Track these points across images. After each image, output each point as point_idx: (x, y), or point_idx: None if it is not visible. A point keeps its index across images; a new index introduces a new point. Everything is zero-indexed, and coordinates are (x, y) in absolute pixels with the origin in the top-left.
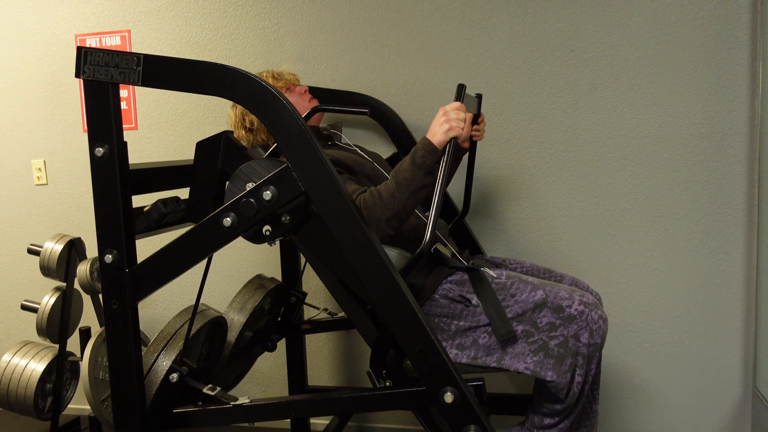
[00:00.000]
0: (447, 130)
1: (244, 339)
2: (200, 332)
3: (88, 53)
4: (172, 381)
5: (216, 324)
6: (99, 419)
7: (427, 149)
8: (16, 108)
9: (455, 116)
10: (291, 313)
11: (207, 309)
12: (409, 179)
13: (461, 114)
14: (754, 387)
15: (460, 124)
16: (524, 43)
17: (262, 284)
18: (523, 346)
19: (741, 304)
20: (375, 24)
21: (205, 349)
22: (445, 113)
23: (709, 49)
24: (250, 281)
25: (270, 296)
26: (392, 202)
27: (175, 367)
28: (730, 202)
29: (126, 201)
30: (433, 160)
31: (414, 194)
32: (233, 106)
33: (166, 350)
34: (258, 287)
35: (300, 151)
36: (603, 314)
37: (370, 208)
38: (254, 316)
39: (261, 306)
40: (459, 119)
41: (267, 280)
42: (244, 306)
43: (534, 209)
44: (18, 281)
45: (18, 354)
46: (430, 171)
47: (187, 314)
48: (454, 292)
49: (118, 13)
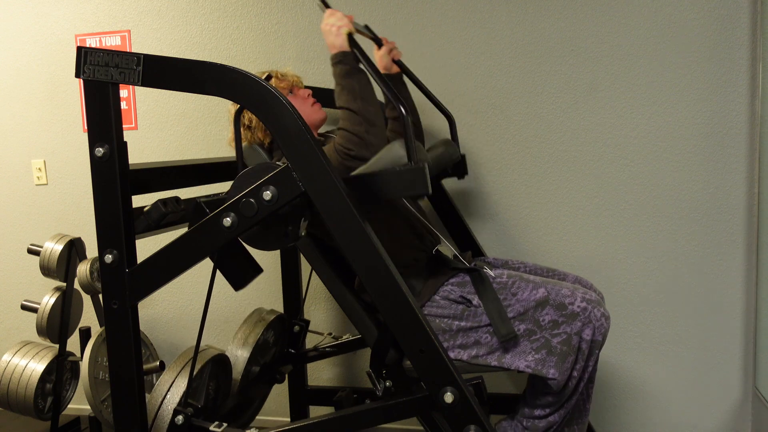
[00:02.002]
0: (336, 32)
1: (251, 374)
2: (203, 372)
3: (88, 53)
4: (178, 423)
5: (218, 362)
6: (99, 419)
7: (337, 60)
8: (16, 108)
9: (333, 20)
10: (296, 342)
11: (208, 348)
12: (350, 91)
13: (336, 14)
14: (754, 387)
15: (344, 20)
16: (524, 43)
17: (261, 317)
18: (525, 345)
19: (741, 304)
20: (375, 24)
21: (212, 388)
22: (326, 25)
23: (709, 49)
24: (249, 316)
25: (272, 328)
26: (356, 118)
27: (180, 409)
28: (730, 202)
29: (126, 201)
30: (350, 62)
31: (364, 97)
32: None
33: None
34: (258, 320)
35: (300, 151)
36: (606, 312)
37: (347, 139)
38: (258, 350)
39: (265, 339)
40: (339, 18)
41: (266, 313)
42: (246, 341)
43: (534, 209)
44: (18, 281)
45: (18, 354)
46: (357, 70)
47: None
48: (455, 294)
49: (118, 13)
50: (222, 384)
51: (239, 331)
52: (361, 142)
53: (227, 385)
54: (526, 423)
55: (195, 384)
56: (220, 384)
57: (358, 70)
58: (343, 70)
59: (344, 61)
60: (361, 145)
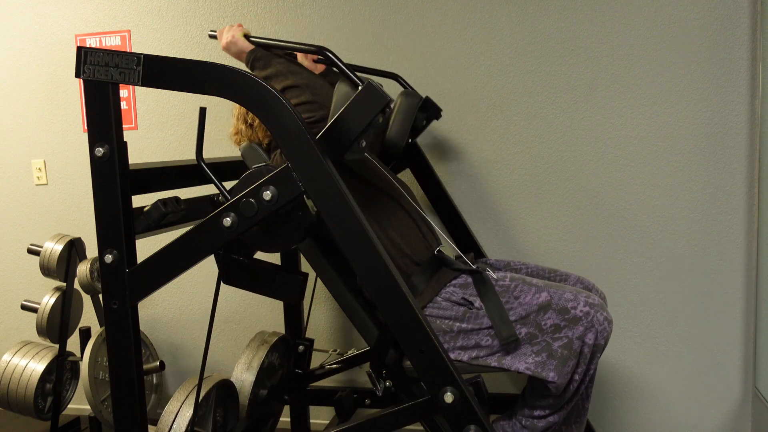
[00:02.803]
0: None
1: (259, 397)
2: (208, 398)
3: (88, 53)
4: None
5: (223, 387)
6: (99, 419)
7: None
8: (16, 108)
9: (226, 34)
10: (302, 361)
11: (211, 375)
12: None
13: (224, 28)
14: (754, 387)
15: (232, 29)
16: (524, 43)
17: (264, 340)
18: (526, 348)
19: (741, 304)
20: (375, 24)
21: (220, 415)
22: (224, 44)
23: (709, 49)
24: (252, 340)
25: (276, 350)
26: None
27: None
28: (730, 202)
29: (126, 201)
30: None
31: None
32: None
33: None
34: (261, 343)
35: (300, 151)
36: (608, 316)
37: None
38: (264, 373)
39: (270, 362)
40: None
41: (269, 335)
42: (250, 365)
43: (533, 209)
44: (18, 281)
45: (18, 354)
46: (270, 55)
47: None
48: (457, 295)
49: (118, 13)
50: (230, 409)
51: (243, 355)
52: (315, 105)
53: (235, 410)
54: (525, 422)
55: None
56: (227, 410)
57: (273, 55)
58: (261, 63)
59: (257, 56)
60: (315, 108)
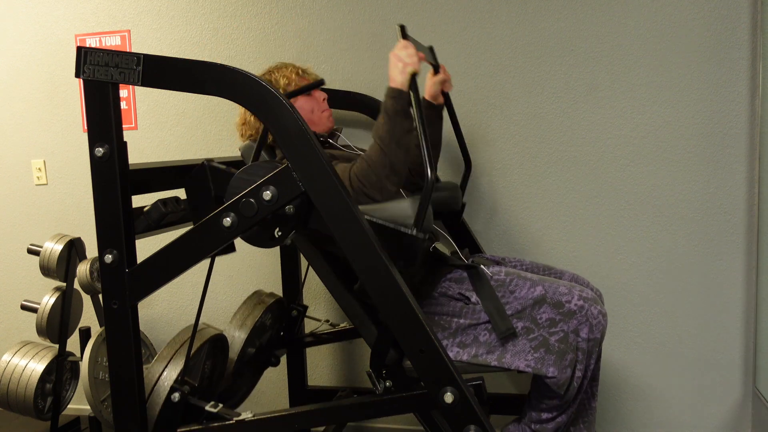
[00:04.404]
0: (402, 68)
1: (247, 355)
2: (201, 351)
3: (88, 53)
4: (174, 400)
5: (216, 342)
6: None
7: (392, 95)
8: (16, 108)
9: (405, 53)
10: (293, 326)
11: (206, 327)
12: (389, 130)
13: (410, 50)
14: (754, 387)
15: (413, 59)
16: (524, 43)
17: (261, 300)
18: (523, 343)
19: (741, 304)
20: (375, 24)
21: (208, 368)
22: (395, 56)
23: (709, 49)
24: (249, 297)
25: (270, 311)
26: (383, 159)
27: (177, 387)
28: (730, 202)
29: (126, 201)
30: (403, 103)
31: (400, 143)
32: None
33: (167, 370)
34: (257, 303)
35: (300, 151)
36: (603, 309)
37: (365, 174)
38: (255, 332)
39: (262, 322)
40: (410, 55)
41: (266, 296)
42: (244, 323)
43: (534, 209)
44: (18, 281)
45: (18, 354)
46: (405, 114)
47: (187, 333)
48: (453, 290)
49: (118, 13)
50: (218, 364)
51: (238, 311)
52: (378, 184)
53: (223, 364)
54: (534, 427)
55: (192, 362)
56: (216, 363)
57: (407, 114)
58: (394, 108)
59: (398, 100)
60: (375, 187)
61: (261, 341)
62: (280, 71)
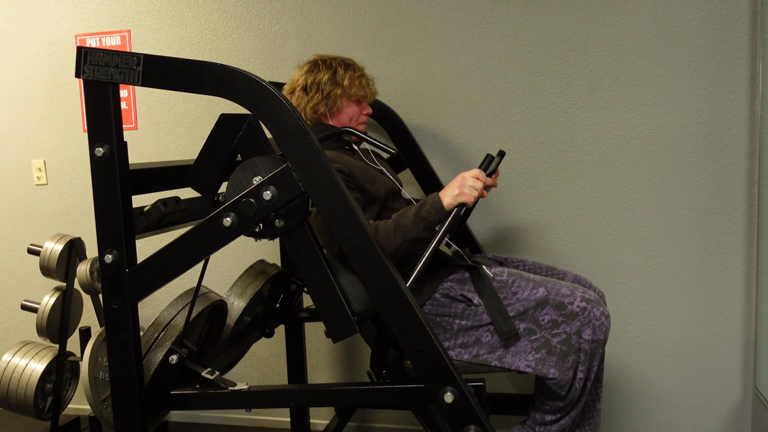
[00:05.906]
0: (457, 195)
1: (242, 324)
2: (201, 315)
3: (88, 53)
4: (171, 362)
5: (217, 307)
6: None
7: (434, 207)
8: (16, 108)
9: (471, 183)
10: (290, 300)
11: (208, 292)
12: (408, 227)
13: (478, 183)
14: (754, 387)
15: (474, 193)
16: (524, 43)
17: (263, 270)
18: (525, 344)
19: (741, 304)
20: (375, 24)
21: (204, 332)
22: (463, 179)
23: (709, 49)
24: (251, 266)
25: (270, 282)
26: (386, 242)
27: (175, 349)
28: (730, 202)
29: (126, 201)
30: (436, 219)
31: (408, 242)
32: (300, 68)
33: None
34: (259, 273)
35: (300, 151)
36: (605, 311)
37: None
38: (254, 302)
39: (261, 292)
40: (473, 187)
41: (269, 266)
42: (244, 291)
43: (534, 209)
44: (18, 281)
45: (18, 354)
46: (430, 227)
47: (189, 296)
48: (455, 291)
49: (118, 13)
50: (215, 329)
51: (240, 279)
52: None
53: (219, 331)
54: (538, 429)
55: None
56: (213, 329)
57: (431, 230)
58: (425, 218)
59: (434, 214)
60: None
61: (257, 311)
62: (348, 71)
